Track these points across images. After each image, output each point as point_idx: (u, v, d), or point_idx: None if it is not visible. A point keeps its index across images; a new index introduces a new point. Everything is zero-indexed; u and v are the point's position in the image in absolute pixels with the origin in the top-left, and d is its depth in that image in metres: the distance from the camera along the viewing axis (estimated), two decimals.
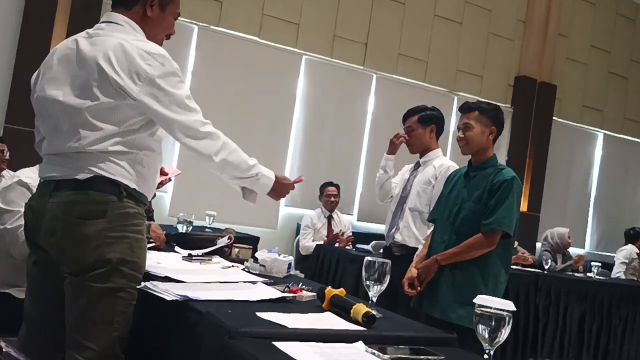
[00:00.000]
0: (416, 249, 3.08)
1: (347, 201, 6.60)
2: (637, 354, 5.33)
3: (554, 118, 8.23)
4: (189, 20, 5.90)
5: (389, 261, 1.66)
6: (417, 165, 3.34)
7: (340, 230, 5.36)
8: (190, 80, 6.29)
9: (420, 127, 3.24)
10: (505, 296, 2.39)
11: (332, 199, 5.50)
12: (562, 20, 8.09)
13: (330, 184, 5.65)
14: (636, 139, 9.03)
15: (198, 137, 1.75)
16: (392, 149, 3.37)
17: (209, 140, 1.77)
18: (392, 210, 3.33)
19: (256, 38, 6.27)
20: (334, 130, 6.87)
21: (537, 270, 5.22)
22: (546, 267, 5.24)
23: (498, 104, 8.26)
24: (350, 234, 5.38)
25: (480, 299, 1.29)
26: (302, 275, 5.10)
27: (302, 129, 6.83)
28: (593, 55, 8.50)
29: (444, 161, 3.25)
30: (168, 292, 1.48)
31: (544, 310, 4.93)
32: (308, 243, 5.25)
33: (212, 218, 4.39)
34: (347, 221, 5.76)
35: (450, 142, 7.76)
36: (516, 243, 5.74)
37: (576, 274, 5.65)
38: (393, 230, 3.26)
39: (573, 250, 6.31)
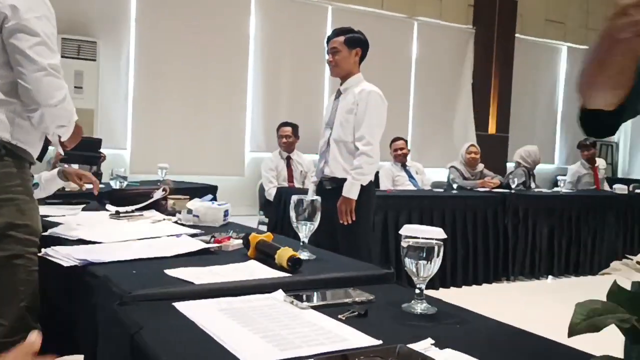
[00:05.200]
0: (345, 179, 2.98)
1: (311, 140, 6.45)
2: (609, 263, 5.39)
3: (516, 35, 8.06)
4: None
5: (318, 197, 1.52)
6: (338, 94, 3.20)
7: (301, 171, 5.22)
8: (134, 26, 5.98)
9: (346, 49, 3.10)
10: None
11: (285, 139, 5.33)
12: None
13: (286, 124, 5.47)
14: None
15: (49, 74, 1.49)
16: None
17: (60, 81, 1.51)
18: (320, 145, 3.21)
19: None
20: (293, 69, 6.63)
21: (504, 190, 5.17)
22: (513, 185, 5.19)
23: (459, 25, 8.10)
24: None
25: (406, 229, 1.15)
26: (267, 220, 5.00)
27: (259, 70, 6.59)
28: None
29: (364, 86, 3.09)
30: (68, 257, 1.32)
31: (513, 230, 4.92)
32: (273, 190, 5.09)
33: (164, 171, 4.18)
34: (309, 161, 5.61)
35: (413, 71, 7.57)
36: (482, 166, 5.68)
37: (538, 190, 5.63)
38: (322, 164, 3.14)
39: (541, 167, 6.29)
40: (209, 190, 3.97)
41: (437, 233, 1.14)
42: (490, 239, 4.79)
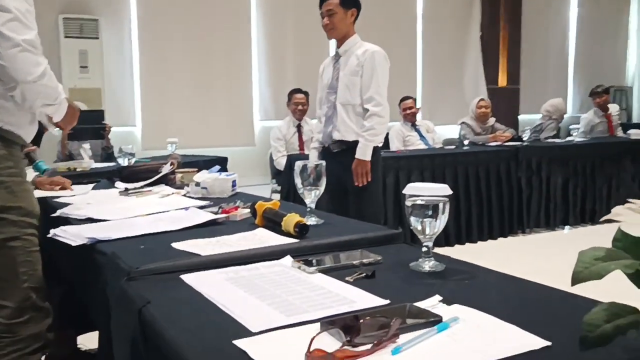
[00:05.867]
0: (356, 142, 2.97)
1: None
2: None
3: None
4: None
5: (322, 162, 1.51)
6: (338, 57, 3.14)
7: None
8: (134, 1, 5.93)
9: (342, 10, 3.03)
10: None
11: (300, 107, 5.26)
12: None
13: (298, 90, 5.40)
14: None
15: (25, 50, 1.45)
16: None
17: (37, 57, 1.47)
18: (324, 111, 3.16)
19: None
20: (296, 34, 6.56)
21: (516, 143, 5.12)
22: (525, 137, 5.12)
23: None
24: None
25: (410, 188, 1.13)
26: (279, 189, 5.00)
27: (263, 38, 6.53)
28: None
29: (367, 47, 3.04)
30: (77, 236, 1.33)
31: (527, 182, 4.87)
32: (281, 160, 5.07)
33: (174, 145, 4.19)
34: None
35: (419, 27, 7.44)
36: (493, 120, 5.61)
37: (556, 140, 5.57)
38: (330, 128, 3.10)
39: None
40: (218, 162, 3.98)
41: (442, 190, 1.12)
42: (504, 192, 4.75)
